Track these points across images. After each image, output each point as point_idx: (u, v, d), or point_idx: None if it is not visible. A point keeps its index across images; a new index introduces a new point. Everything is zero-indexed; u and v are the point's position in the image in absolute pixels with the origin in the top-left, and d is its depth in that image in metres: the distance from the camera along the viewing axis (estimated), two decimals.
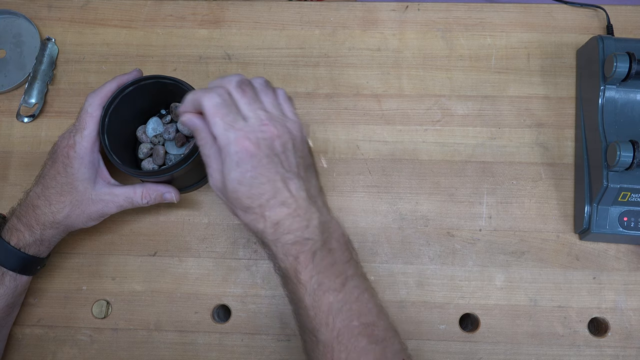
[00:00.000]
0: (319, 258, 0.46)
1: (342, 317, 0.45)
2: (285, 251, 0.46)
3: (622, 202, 0.58)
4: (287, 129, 0.48)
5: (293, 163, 0.48)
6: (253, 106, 0.48)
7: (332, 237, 0.47)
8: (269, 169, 0.46)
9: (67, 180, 0.54)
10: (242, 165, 0.46)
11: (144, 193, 0.57)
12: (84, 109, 0.55)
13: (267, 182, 0.46)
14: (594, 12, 0.68)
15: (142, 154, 0.60)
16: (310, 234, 0.46)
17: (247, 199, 0.46)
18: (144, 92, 0.58)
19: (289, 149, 0.48)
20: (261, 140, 0.46)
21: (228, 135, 0.46)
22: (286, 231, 0.46)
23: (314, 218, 0.47)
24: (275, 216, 0.46)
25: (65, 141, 0.55)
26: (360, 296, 0.46)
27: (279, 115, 0.49)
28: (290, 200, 0.46)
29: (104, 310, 0.61)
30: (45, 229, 0.54)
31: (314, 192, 0.49)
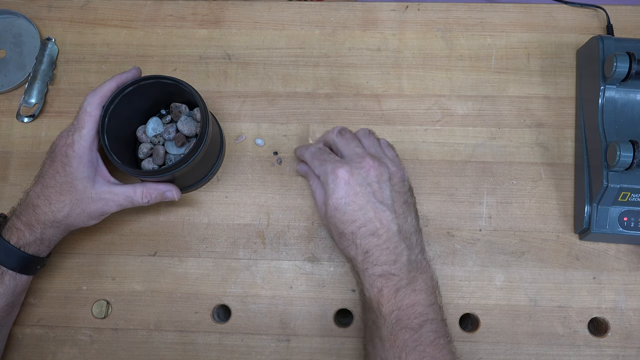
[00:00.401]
0: (401, 295, 0.48)
1: (414, 356, 0.47)
2: (372, 282, 0.49)
3: (622, 202, 0.58)
4: (384, 164, 0.52)
5: (387, 196, 0.50)
6: (350, 145, 0.53)
7: (419, 277, 0.49)
8: (362, 197, 0.49)
9: (66, 179, 0.54)
10: (337, 192, 0.50)
11: (145, 192, 0.57)
12: (83, 108, 0.55)
13: (358, 209, 0.49)
14: (594, 12, 0.68)
15: (142, 154, 0.60)
16: (397, 270, 0.48)
17: (341, 224, 0.50)
18: (144, 92, 0.58)
19: (383, 181, 0.51)
20: (355, 169, 0.50)
21: (325, 167, 0.51)
22: (374, 262, 0.49)
23: (403, 255, 0.49)
24: (365, 245, 0.49)
25: (64, 140, 0.55)
26: (436, 341, 0.48)
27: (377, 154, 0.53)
28: (380, 231, 0.49)
29: (104, 310, 0.61)
30: (45, 228, 0.54)
31: (409, 229, 0.51)
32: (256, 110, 0.66)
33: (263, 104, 0.66)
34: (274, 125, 0.66)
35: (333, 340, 0.60)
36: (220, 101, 0.66)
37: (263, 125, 0.66)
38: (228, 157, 0.65)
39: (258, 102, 0.66)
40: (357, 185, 0.49)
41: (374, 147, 0.55)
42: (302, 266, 0.62)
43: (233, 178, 0.64)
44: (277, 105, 0.66)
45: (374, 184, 0.50)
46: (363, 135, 0.56)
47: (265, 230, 0.63)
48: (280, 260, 0.62)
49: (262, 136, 0.65)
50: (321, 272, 0.61)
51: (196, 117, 0.60)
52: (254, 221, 0.63)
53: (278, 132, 0.65)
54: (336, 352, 0.60)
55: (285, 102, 0.66)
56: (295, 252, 0.62)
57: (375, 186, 0.50)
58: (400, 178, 0.53)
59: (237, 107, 0.66)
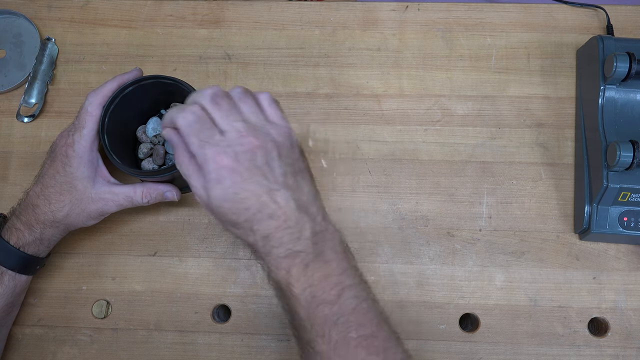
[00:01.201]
0: (311, 270, 0.44)
1: (338, 329, 0.43)
2: (277, 264, 0.45)
3: (622, 202, 0.58)
4: (270, 137, 0.46)
5: (279, 173, 0.46)
6: (230, 118, 0.46)
7: (326, 246, 0.46)
8: (252, 182, 0.44)
9: (66, 179, 0.54)
10: (222, 182, 0.44)
11: (145, 192, 0.57)
12: (84, 108, 0.55)
13: (251, 196, 0.44)
14: (594, 12, 0.68)
15: (142, 154, 0.60)
16: (302, 246, 0.45)
17: (232, 214, 0.45)
18: (144, 92, 0.58)
19: (273, 158, 0.46)
20: (240, 153, 0.45)
21: (205, 152, 0.45)
22: (277, 244, 0.44)
23: (305, 229, 0.45)
24: (263, 230, 0.45)
25: (64, 140, 0.55)
26: (358, 307, 0.45)
27: (260, 123, 0.47)
28: (278, 213, 0.45)
29: (104, 310, 0.61)
30: (45, 228, 0.54)
31: (307, 199, 0.47)
32: None
33: None
34: None
35: None
36: None
37: None
38: None
39: None
40: (245, 170, 0.44)
41: (255, 114, 0.48)
42: None
43: None
44: None
45: (262, 165, 0.45)
46: (239, 99, 0.48)
47: None
48: None
49: None
50: None
51: None
52: None
53: None
54: None
55: (285, 102, 0.66)
56: None
57: (264, 168, 0.45)
58: (289, 147, 0.47)
59: None
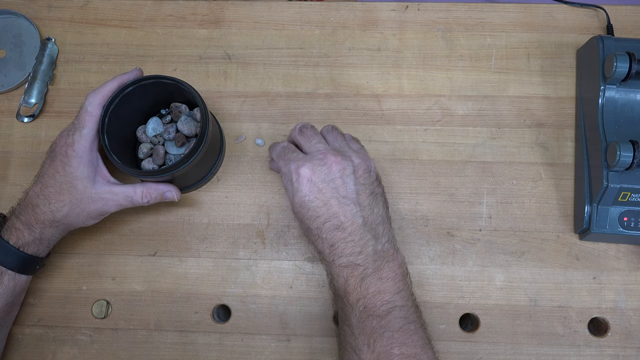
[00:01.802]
0: (367, 284, 0.49)
1: (382, 342, 0.47)
2: (338, 272, 0.50)
3: (622, 202, 0.58)
4: (347, 158, 0.52)
5: (352, 189, 0.51)
6: (312, 141, 0.54)
7: (386, 266, 0.50)
8: (325, 193, 0.50)
9: (66, 179, 0.54)
10: (300, 190, 0.51)
11: (145, 192, 0.57)
12: (84, 108, 0.55)
13: (322, 205, 0.50)
14: (594, 12, 0.68)
15: (142, 154, 0.60)
16: (362, 260, 0.49)
17: (306, 220, 0.51)
18: (144, 92, 0.58)
19: (347, 175, 0.51)
20: (317, 167, 0.51)
21: (289, 167, 0.52)
22: (340, 254, 0.50)
23: (368, 245, 0.50)
24: (330, 238, 0.50)
25: (64, 140, 0.55)
26: (404, 327, 0.49)
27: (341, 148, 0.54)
28: (345, 225, 0.50)
29: (104, 310, 0.61)
30: (44, 227, 0.54)
31: (375, 220, 0.51)
32: (256, 110, 0.66)
33: (263, 104, 0.66)
34: (274, 125, 0.66)
35: (333, 340, 0.60)
36: (220, 101, 0.66)
37: (263, 125, 0.66)
38: (228, 157, 0.65)
39: (258, 102, 0.66)
40: (320, 182, 0.51)
41: (338, 142, 0.55)
42: (302, 266, 0.62)
43: (233, 178, 0.64)
44: (277, 105, 0.66)
45: (337, 179, 0.51)
46: (326, 132, 0.57)
47: (265, 230, 0.63)
48: (280, 260, 0.62)
49: (262, 136, 0.65)
50: (321, 272, 0.61)
51: (196, 117, 0.60)
52: (254, 221, 0.63)
53: (278, 132, 0.65)
54: (336, 352, 0.59)
55: (285, 102, 0.66)
56: (295, 252, 0.62)
57: (338, 181, 0.51)
58: (365, 170, 0.53)
59: (237, 107, 0.66)
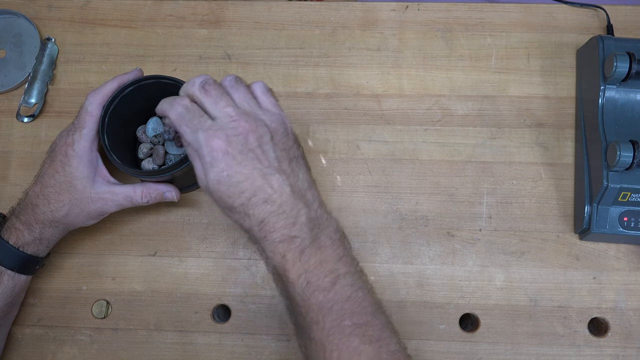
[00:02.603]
0: (307, 256, 0.45)
1: (332, 316, 0.44)
2: (273, 249, 0.45)
3: (622, 202, 0.58)
4: (262, 122, 0.46)
5: (272, 157, 0.46)
6: (220, 104, 0.47)
7: (322, 233, 0.46)
8: (245, 165, 0.45)
9: (66, 179, 0.54)
10: (216, 165, 0.45)
11: (144, 192, 0.57)
12: (84, 108, 0.55)
13: (244, 179, 0.45)
14: (594, 12, 0.68)
15: (142, 154, 0.60)
16: (297, 231, 0.45)
17: (228, 198, 0.45)
18: (144, 92, 0.58)
19: (266, 142, 0.46)
20: (232, 137, 0.45)
21: (197, 137, 0.45)
22: (272, 229, 0.45)
23: (301, 214, 0.45)
24: (259, 214, 0.45)
25: (64, 139, 0.55)
26: (353, 295, 0.45)
27: (252, 110, 0.48)
28: (273, 197, 0.45)
29: (104, 310, 0.61)
30: (44, 227, 0.54)
31: (302, 185, 0.47)
32: None
33: None
34: None
35: None
36: None
37: None
38: None
39: None
40: (238, 153, 0.45)
41: (247, 101, 0.48)
42: None
43: None
44: None
45: (256, 148, 0.45)
46: (231, 87, 0.49)
47: None
48: None
49: None
50: None
51: None
52: None
53: None
54: None
55: (285, 102, 0.66)
56: None
57: (257, 151, 0.45)
58: (282, 133, 0.48)
59: None
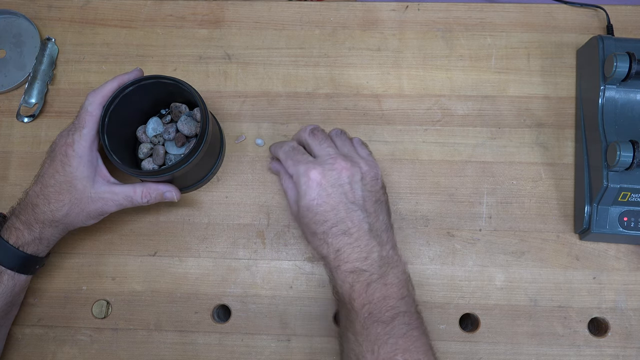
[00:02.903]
0: (372, 289, 0.49)
1: (387, 349, 0.47)
2: (344, 278, 0.50)
3: (622, 202, 0.58)
4: (356, 164, 0.53)
5: (359, 196, 0.52)
6: (323, 145, 0.54)
7: (390, 272, 0.50)
8: (334, 198, 0.51)
9: (66, 179, 0.54)
10: (309, 193, 0.51)
11: (144, 192, 0.57)
12: (84, 108, 0.55)
13: (330, 210, 0.50)
14: (594, 12, 0.68)
15: (142, 154, 0.60)
16: (368, 266, 0.49)
17: (313, 224, 0.51)
18: (144, 92, 0.58)
19: (356, 181, 0.52)
20: (327, 171, 0.51)
21: (297, 168, 0.53)
22: (346, 260, 0.50)
23: (373, 252, 0.50)
24: (337, 244, 0.50)
25: (64, 139, 0.55)
26: (408, 333, 0.49)
27: (349, 153, 0.54)
28: (352, 231, 0.50)
29: (104, 310, 0.61)
30: (44, 227, 0.54)
31: (380, 227, 0.52)
32: (256, 110, 0.66)
33: (263, 104, 0.66)
34: (274, 125, 0.66)
35: (333, 340, 0.60)
36: (220, 101, 0.66)
37: (263, 125, 0.66)
38: (228, 157, 0.65)
39: (258, 102, 0.66)
40: (329, 186, 0.51)
41: (347, 147, 0.56)
42: (302, 266, 0.62)
43: (233, 178, 0.64)
44: (277, 105, 0.66)
45: (345, 185, 0.51)
46: (335, 135, 0.57)
47: (265, 230, 0.63)
48: (280, 260, 0.62)
49: (262, 136, 0.65)
50: (321, 272, 0.61)
51: (196, 117, 0.60)
52: (254, 221, 0.63)
53: (278, 132, 0.65)
54: (336, 352, 0.60)
55: (285, 102, 0.66)
56: (295, 252, 0.62)
57: (347, 187, 0.51)
58: (372, 177, 0.53)
59: (237, 107, 0.66)
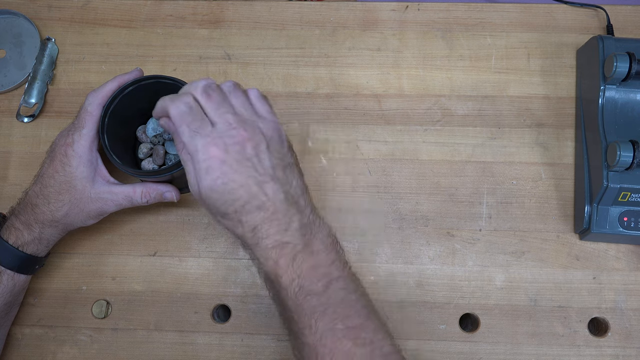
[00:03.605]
0: (299, 261, 0.45)
1: (325, 320, 0.44)
2: (266, 255, 0.46)
3: (622, 202, 0.58)
4: (259, 130, 0.47)
5: (268, 165, 0.47)
6: (220, 110, 0.47)
7: (315, 238, 0.47)
8: (241, 173, 0.45)
9: (66, 179, 0.54)
10: (211, 172, 0.45)
11: (144, 192, 0.57)
12: (84, 108, 0.55)
13: (239, 187, 0.45)
14: (594, 12, 0.68)
15: (142, 154, 0.60)
16: (290, 237, 0.46)
17: (221, 205, 0.46)
18: (144, 92, 0.58)
19: (262, 150, 0.47)
20: (230, 145, 0.46)
21: (195, 142, 0.46)
22: (264, 235, 0.45)
23: (294, 221, 0.46)
24: (252, 221, 0.46)
25: (64, 139, 0.55)
26: (346, 298, 0.45)
27: (250, 117, 0.48)
28: (267, 204, 0.46)
29: (104, 310, 0.61)
30: (44, 227, 0.54)
31: (295, 192, 0.48)
32: None
33: None
34: None
35: None
36: None
37: None
38: None
39: None
40: (235, 162, 0.45)
41: (245, 108, 0.49)
42: None
43: None
44: (277, 105, 0.66)
45: (252, 157, 0.46)
46: (230, 93, 0.49)
47: None
48: None
49: None
50: None
51: None
52: None
53: None
54: None
55: (285, 102, 0.66)
56: None
57: (254, 160, 0.46)
58: (278, 141, 0.48)
59: None
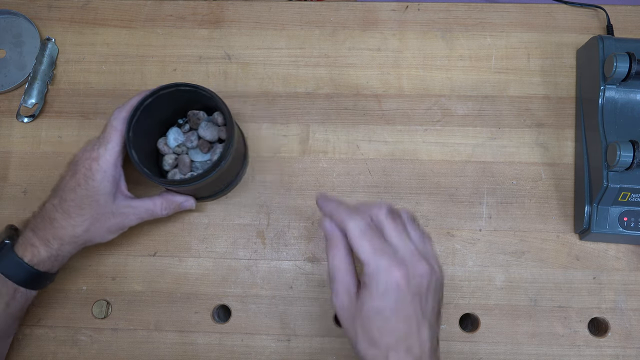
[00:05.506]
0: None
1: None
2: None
3: (622, 202, 0.58)
4: (434, 270, 0.46)
5: (430, 308, 0.45)
6: (402, 237, 0.46)
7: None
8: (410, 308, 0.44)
9: (88, 193, 0.53)
10: (386, 297, 0.44)
11: (164, 204, 0.57)
12: (109, 123, 0.55)
13: (403, 320, 0.44)
14: (594, 12, 0.68)
15: (168, 165, 0.59)
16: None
17: (377, 331, 0.44)
18: (163, 102, 0.56)
19: (431, 290, 0.46)
20: (412, 275, 0.44)
21: (379, 262, 0.44)
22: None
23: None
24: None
25: (88, 153, 0.54)
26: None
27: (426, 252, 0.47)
28: (414, 350, 0.44)
29: (104, 310, 0.61)
30: (63, 244, 0.53)
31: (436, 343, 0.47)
32: (256, 110, 0.66)
33: (263, 104, 0.66)
34: (274, 125, 0.66)
35: (333, 340, 0.60)
36: None
37: (263, 125, 0.66)
38: None
39: (258, 102, 0.66)
40: (409, 294, 0.44)
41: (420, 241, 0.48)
42: (302, 266, 0.62)
43: None
44: (277, 105, 0.66)
45: (423, 294, 0.45)
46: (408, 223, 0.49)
47: (265, 230, 0.63)
48: (280, 260, 0.62)
49: (263, 136, 0.65)
50: (321, 272, 0.61)
51: (217, 121, 0.59)
52: (254, 221, 0.63)
53: (278, 132, 0.65)
54: (336, 352, 0.60)
55: (285, 102, 0.66)
56: (295, 252, 0.62)
57: (423, 297, 0.45)
58: (441, 283, 0.48)
59: (237, 107, 0.66)
